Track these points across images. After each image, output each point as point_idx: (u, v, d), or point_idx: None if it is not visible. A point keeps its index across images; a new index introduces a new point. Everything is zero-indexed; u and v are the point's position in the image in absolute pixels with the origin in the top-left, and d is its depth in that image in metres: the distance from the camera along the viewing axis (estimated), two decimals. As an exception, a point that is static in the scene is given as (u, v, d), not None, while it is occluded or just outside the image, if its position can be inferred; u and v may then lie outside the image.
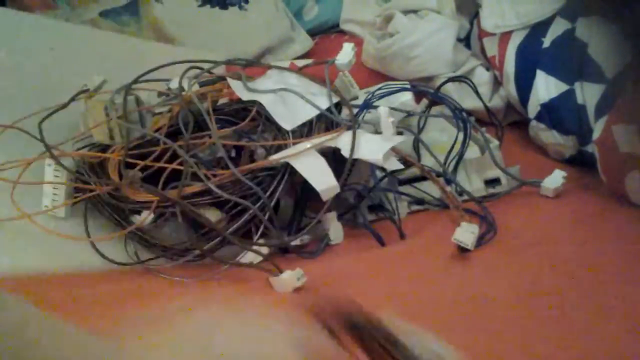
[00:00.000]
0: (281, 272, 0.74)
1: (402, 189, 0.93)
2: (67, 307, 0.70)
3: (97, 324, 0.65)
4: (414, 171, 0.92)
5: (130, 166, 0.83)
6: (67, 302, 0.71)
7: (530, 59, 1.03)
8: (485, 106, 1.07)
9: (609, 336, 0.60)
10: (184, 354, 0.39)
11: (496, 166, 0.91)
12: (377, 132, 0.87)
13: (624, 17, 0.93)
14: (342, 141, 0.84)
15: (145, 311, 0.65)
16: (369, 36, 1.23)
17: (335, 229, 0.87)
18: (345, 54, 0.93)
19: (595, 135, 0.86)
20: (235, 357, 0.39)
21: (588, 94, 0.93)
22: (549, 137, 1.01)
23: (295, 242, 0.86)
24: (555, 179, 0.89)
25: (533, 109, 1.02)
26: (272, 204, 0.82)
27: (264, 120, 0.90)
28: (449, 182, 0.91)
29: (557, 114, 0.98)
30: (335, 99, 0.90)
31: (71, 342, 0.38)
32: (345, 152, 0.82)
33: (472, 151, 0.93)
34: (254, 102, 0.90)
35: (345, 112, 0.91)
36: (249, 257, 0.82)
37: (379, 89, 1.00)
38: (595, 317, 0.63)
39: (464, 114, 0.94)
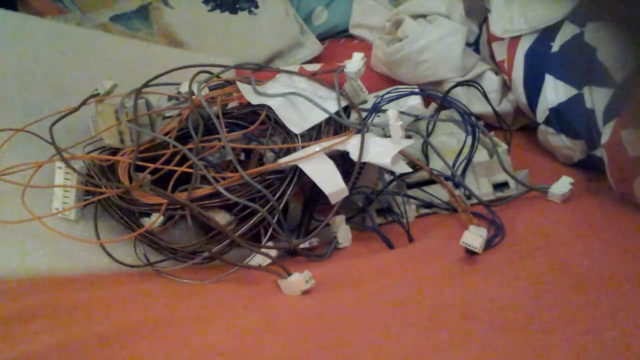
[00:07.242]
0: (289, 274, 0.74)
1: (410, 192, 0.93)
2: (76, 309, 0.70)
3: (105, 325, 0.66)
4: (422, 174, 0.92)
5: (140, 169, 0.83)
6: (77, 304, 0.71)
7: (539, 64, 1.03)
8: (494, 110, 1.08)
9: (616, 341, 0.59)
10: None
11: (504, 171, 0.91)
12: (386, 135, 0.87)
13: (632, 21, 0.93)
14: (351, 144, 0.84)
15: None
16: (378, 41, 1.24)
17: (343, 232, 0.88)
18: (355, 62, 0.94)
19: (604, 139, 0.86)
20: None
21: (597, 98, 0.93)
22: (558, 141, 1.01)
23: (304, 244, 0.86)
24: (563, 185, 0.89)
25: (542, 113, 1.02)
26: (281, 206, 0.82)
27: (273, 123, 0.90)
28: (457, 185, 0.91)
29: (565, 118, 0.98)
30: (344, 103, 0.90)
31: None
32: (354, 156, 0.83)
33: (481, 155, 0.93)
34: (263, 106, 0.90)
35: (354, 115, 0.91)
36: (257, 259, 0.82)
37: (388, 92, 1.00)
38: (602, 322, 0.62)
39: (473, 118, 0.94)
